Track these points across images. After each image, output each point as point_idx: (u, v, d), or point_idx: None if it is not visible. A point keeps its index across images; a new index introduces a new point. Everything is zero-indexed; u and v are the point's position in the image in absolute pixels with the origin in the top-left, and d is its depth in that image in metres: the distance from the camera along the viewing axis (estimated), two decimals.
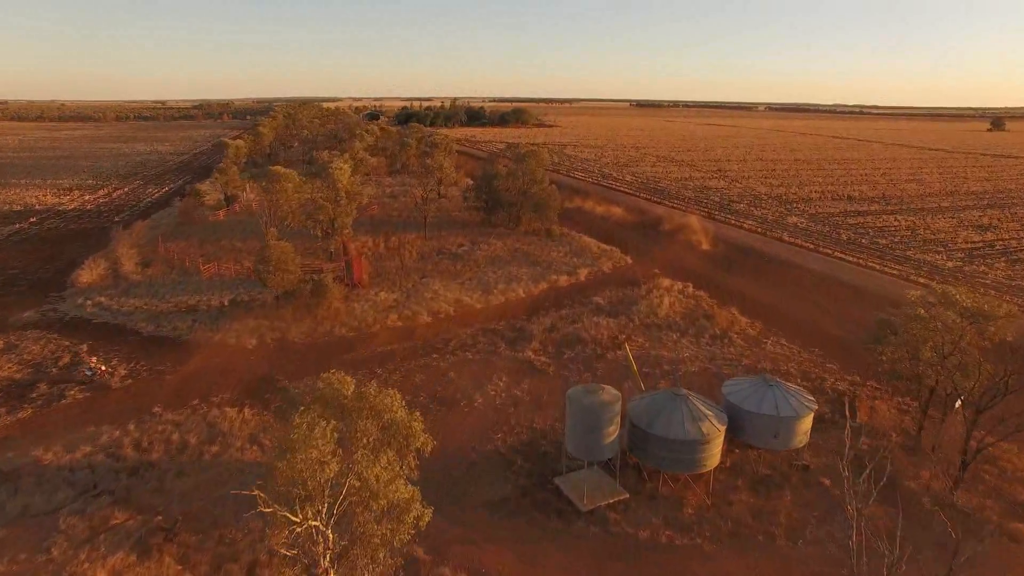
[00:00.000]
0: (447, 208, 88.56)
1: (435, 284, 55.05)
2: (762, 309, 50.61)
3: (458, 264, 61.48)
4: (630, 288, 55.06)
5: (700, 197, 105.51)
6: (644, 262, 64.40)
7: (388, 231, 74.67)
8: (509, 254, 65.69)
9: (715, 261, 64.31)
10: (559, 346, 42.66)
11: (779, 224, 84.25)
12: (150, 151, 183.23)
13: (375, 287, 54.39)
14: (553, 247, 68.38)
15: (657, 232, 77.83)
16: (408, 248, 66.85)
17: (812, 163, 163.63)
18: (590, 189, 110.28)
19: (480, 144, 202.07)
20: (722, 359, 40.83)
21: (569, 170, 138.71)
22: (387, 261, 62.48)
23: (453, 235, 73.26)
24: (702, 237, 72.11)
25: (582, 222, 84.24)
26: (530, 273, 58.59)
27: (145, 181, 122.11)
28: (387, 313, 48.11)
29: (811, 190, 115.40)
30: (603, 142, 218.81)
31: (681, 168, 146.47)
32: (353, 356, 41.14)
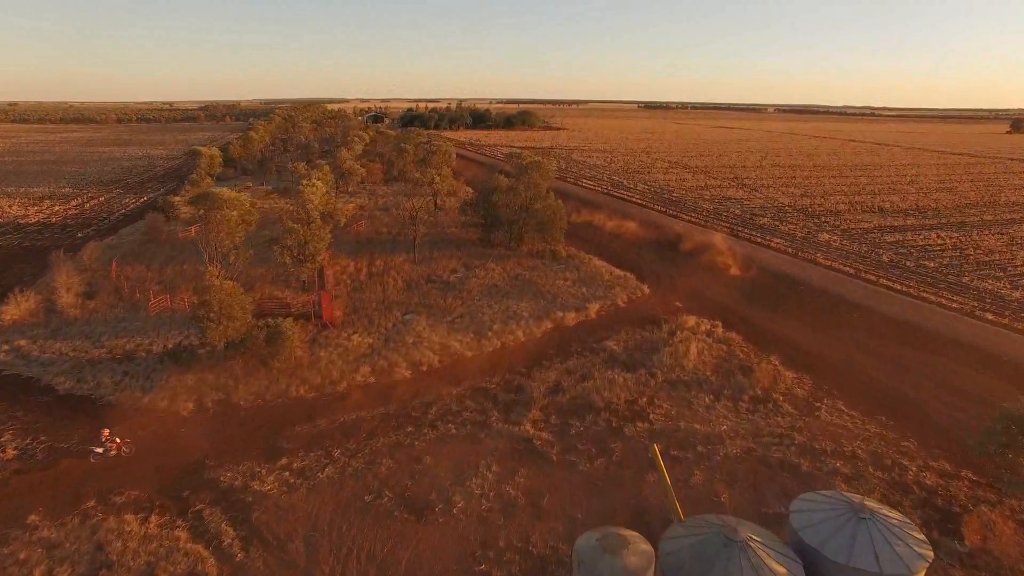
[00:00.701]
0: (443, 223, 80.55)
1: (420, 323, 46.97)
2: (808, 358, 42.27)
3: (449, 296, 53.34)
4: (649, 329, 46.80)
5: (719, 209, 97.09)
6: (663, 292, 56.11)
7: (374, 252, 66.68)
8: (508, 282, 57.53)
9: (746, 291, 55.91)
10: (565, 415, 34.45)
11: (810, 242, 75.78)
12: (142, 155, 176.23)
13: (349, 327, 46.38)
14: (559, 273, 60.16)
15: (676, 253, 69.52)
16: (394, 275, 58.81)
17: (832, 169, 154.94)
18: (600, 200, 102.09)
19: (484, 148, 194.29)
20: (769, 435, 32.51)
21: (577, 178, 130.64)
22: (368, 291, 54.42)
23: (446, 257, 65.15)
24: (730, 260, 63.71)
25: (592, 240, 76.02)
26: (532, 308, 50.43)
27: (126, 189, 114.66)
28: (359, 364, 40.06)
29: (837, 201, 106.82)
30: (612, 146, 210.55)
31: (695, 175, 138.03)
32: (309, 429, 33.04)
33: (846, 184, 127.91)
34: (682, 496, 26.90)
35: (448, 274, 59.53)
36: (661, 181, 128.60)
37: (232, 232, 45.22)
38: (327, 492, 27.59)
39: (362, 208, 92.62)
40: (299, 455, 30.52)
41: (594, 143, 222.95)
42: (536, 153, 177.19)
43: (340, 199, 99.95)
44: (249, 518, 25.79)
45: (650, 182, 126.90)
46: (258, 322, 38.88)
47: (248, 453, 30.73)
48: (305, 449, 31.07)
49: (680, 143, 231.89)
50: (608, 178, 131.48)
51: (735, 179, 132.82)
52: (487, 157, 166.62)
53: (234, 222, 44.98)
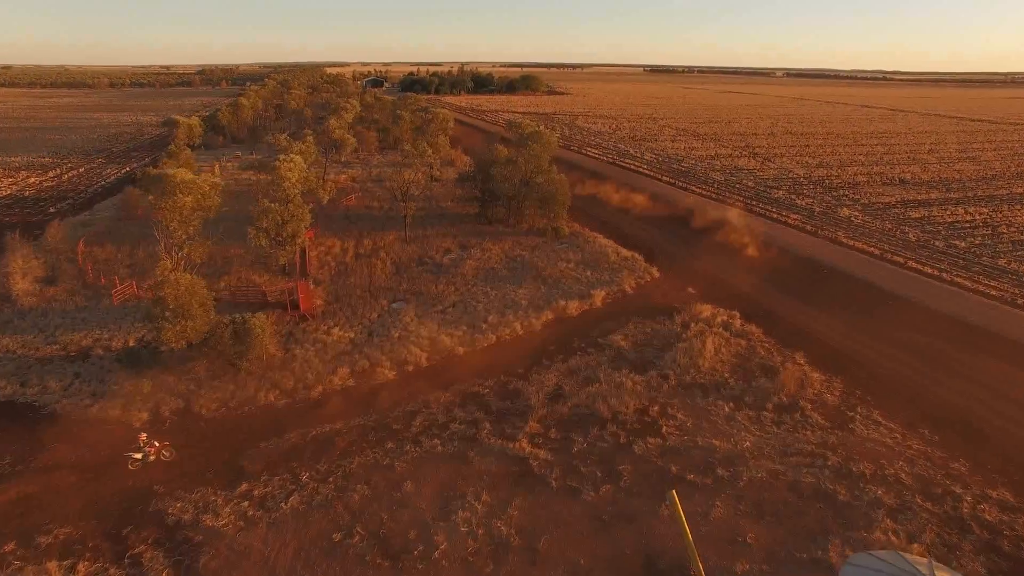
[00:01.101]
0: (438, 196, 75.82)
1: (408, 313, 42.80)
2: (837, 356, 38.04)
3: (441, 280, 49.01)
4: (660, 320, 42.55)
5: (731, 181, 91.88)
6: (675, 275, 51.70)
7: (363, 229, 62.15)
8: (506, 264, 53.12)
9: (765, 275, 51.40)
10: (566, 427, 30.45)
11: (830, 219, 70.91)
12: (132, 122, 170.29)
13: (330, 318, 42.24)
14: (561, 253, 55.68)
15: (688, 230, 64.84)
16: (383, 256, 54.42)
17: (847, 137, 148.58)
18: (606, 171, 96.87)
19: (486, 114, 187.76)
20: (798, 453, 28.48)
21: (581, 146, 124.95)
22: (353, 275, 50.12)
23: (440, 236, 60.61)
24: (747, 238, 59.04)
25: (597, 215, 71.33)
26: (531, 295, 46.14)
27: (109, 159, 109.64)
28: (337, 364, 36.00)
29: (855, 172, 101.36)
30: (617, 111, 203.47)
31: (705, 144, 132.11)
32: (276, 445, 29.12)
33: (862, 153, 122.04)
34: (703, 535, 23.04)
35: (441, 255, 55.09)
36: (669, 150, 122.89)
37: (186, 220, 40.30)
38: (290, 529, 23.76)
39: (354, 180, 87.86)
40: (262, 479, 26.65)
41: (599, 109, 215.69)
42: (539, 120, 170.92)
43: (332, 170, 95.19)
44: (196, 565, 22.00)
45: (657, 151, 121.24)
46: (224, 318, 34.65)
47: (204, 476, 26.87)
48: (269, 471, 27.19)
49: (687, 109, 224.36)
50: (614, 146, 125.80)
51: (746, 148, 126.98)
52: (488, 124, 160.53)
53: (188, 209, 39.98)
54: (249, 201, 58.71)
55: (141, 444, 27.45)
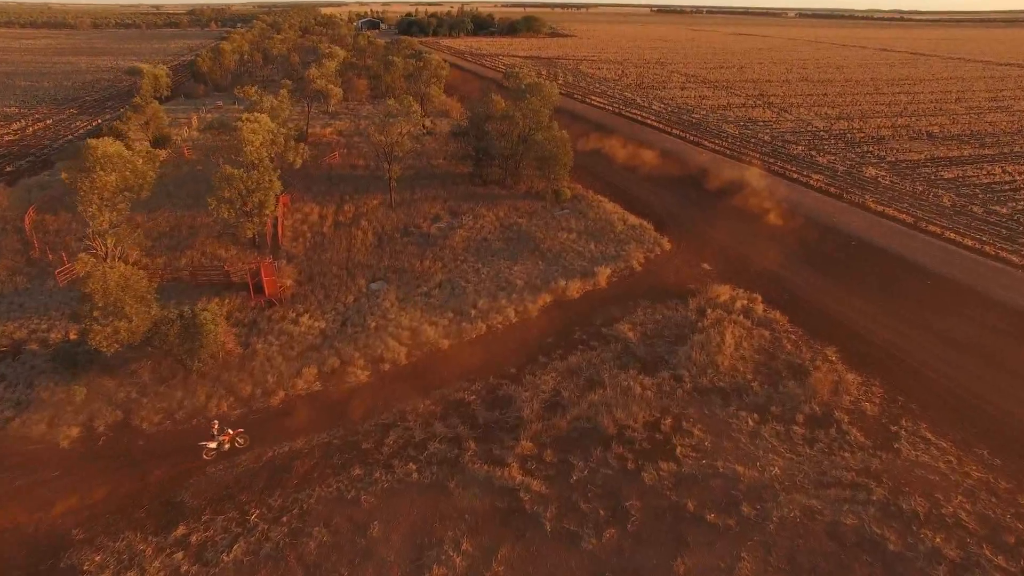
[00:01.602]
0: (430, 152, 69.88)
1: (389, 296, 38.04)
2: (874, 351, 33.37)
3: (427, 255, 44.00)
4: (672, 305, 37.74)
5: (746, 135, 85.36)
6: (688, 248, 46.59)
7: (345, 192, 56.69)
8: (501, 233, 47.98)
9: (789, 248, 46.24)
10: (564, 447, 26.09)
11: (855, 179, 65.10)
12: (111, 67, 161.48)
13: (300, 302, 37.50)
14: (562, 221, 50.42)
15: (702, 192, 59.27)
16: (364, 225, 49.22)
17: (867, 85, 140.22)
18: (611, 122, 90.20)
19: (486, 59, 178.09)
20: (836, 483, 24.14)
21: (585, 94, 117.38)
22: (330, 249, 45.10)
23: (429, 199, 55.15)
24: (768, 204, 53.63)
25: (601, 174, 65.60)
26: (528, 273, 41.24)
27: (82, 109, 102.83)
28: (304, 363, 31.47)
29: (878, 124, 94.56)
30: (623, 56, 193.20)
31: (716, 92, 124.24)
32: (225, 471, 24.85)
33: (885, 103, 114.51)
34: None
35: (429, 223, 49.87)
36: (679, 98, 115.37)
37: (109, 203, 34.30)
38: None
39: (340, 133, 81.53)
40: (203, 519, 22.47)
41: (604, 52, 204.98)
42: (541, 65, 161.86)
43: (317, 122, 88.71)
44: None
45: (666, 100, 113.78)
46: (170, 312, 29.89)
47: (134, 515, 22.68)
48: (213, 507, 22.98)
49: (697, 53, 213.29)
50: (619, 95, 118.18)
51: (760, 96, 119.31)
52: (488, 69, 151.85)
53: (111, 189, 33.99)
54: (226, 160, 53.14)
55: (215, 432, 25.61)
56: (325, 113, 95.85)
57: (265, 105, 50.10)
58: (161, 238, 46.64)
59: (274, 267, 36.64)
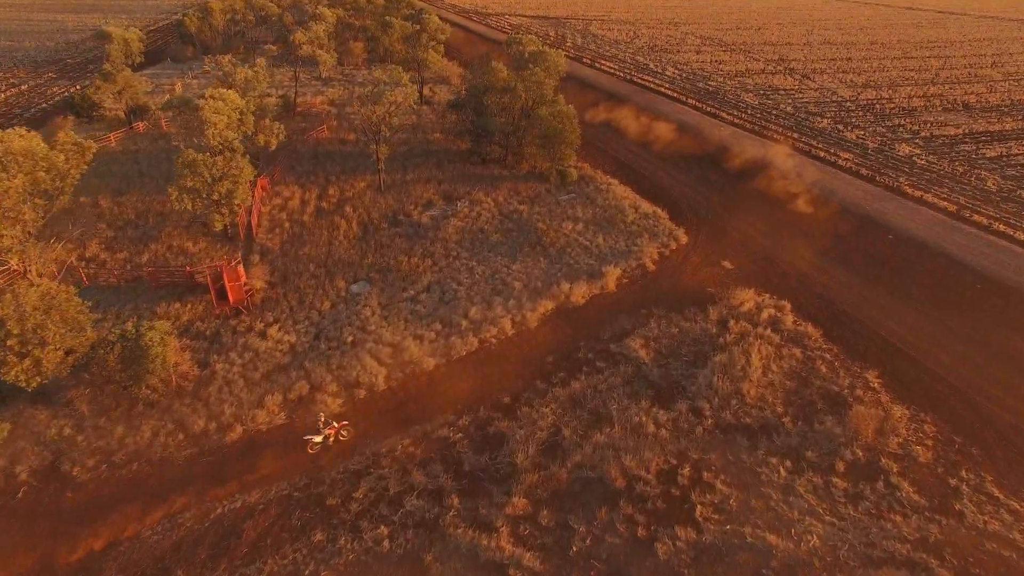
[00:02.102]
0: (426, 126, 64.68)
1: (370, 301, 33.77)
2: (923, 375, 29.02)
3: (416, 250, 39.48)
4: (690, 315, 33.33)
5: (766, 105, 79.36)
6: (707, 241, 41.90)
7: (331, 172, 51.91)
8: (499, 223, 43.32)
9: (820, 242, 41.50)
10: (564, 505, 22.10)
11: (888, 158, 59.69)
12: (95, 26, 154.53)
13: (270, 309, 33.30)
14: (567, 208, 45.67)
15: (722, 173, 54.19)
16: (349, 212, 44.62)
17: (893, 48, 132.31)
18: (622, 90, 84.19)
19: (491, 17, 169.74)
20: (888, 560, 20.15)
21: (595, 58, 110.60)
22: (309, 242, 40.63)
23: (422, 181, 50.32)
24: (796, 188, 48.65)
25: (611, 150, 60.45)
26: (527, 272, 36.79)
27: (61, 72, 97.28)
28: (268, 388, 27.43)
29: (909, 93, 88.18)
30: (636, 15, 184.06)
31: (733, 56, 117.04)
32: (163, 535, 21.01)
33: (914, 68, 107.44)
34: None
35: (421, 211, 45.21)
36: (694, 63, 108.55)
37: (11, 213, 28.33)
38: None
39: (332, 103, 76.08)
40: None
41: (615, 11, 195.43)
42: (548, 25, 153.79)
43: (307, 89, 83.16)
44: None
45: (680, 64, 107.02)
46: (109, 334, 25.74)
47: None
48: None
49: (712, 12, 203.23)
50: (631, 59, 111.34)
51: (780, 61, 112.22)
52: (493, 30, 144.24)
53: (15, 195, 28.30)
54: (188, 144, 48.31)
55: (320, 426, 24.45)
56: (318, 79, 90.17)
57: (238, 78, 44.98)
58: (126, 227, 42.30)
59: (239, 271, 32.26)
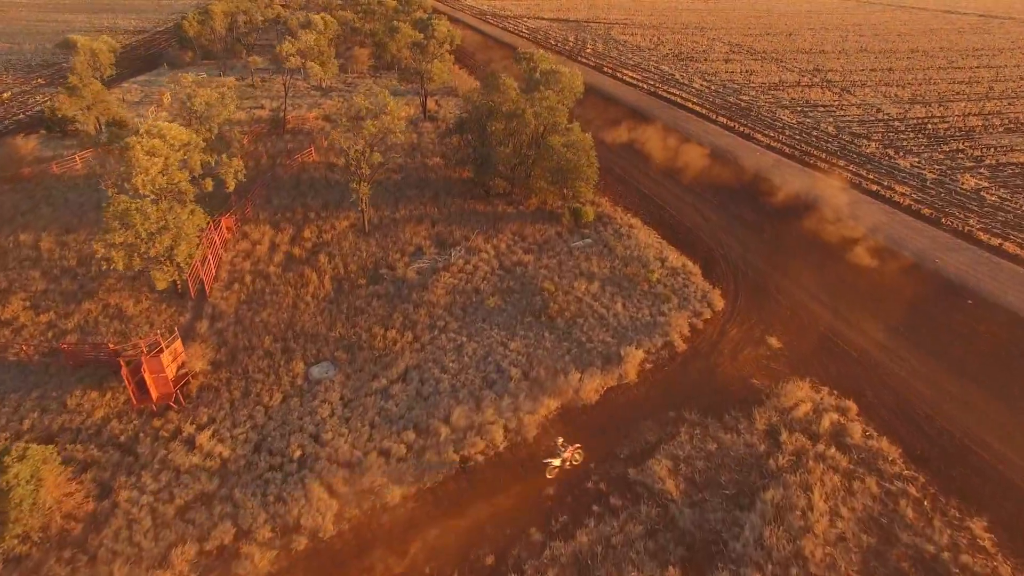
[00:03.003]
0: (425, 148, 58.08)
1: (331, 395, 27.18)
2: None
3: (395, 319, 32.75)
4: (731, 423, 26.28)
5: (805, 125, 71.64)
6: (748, 307, 34.76)
7: (313, 207, 45.50)
8: (498, 280, 36.51)
9: (888, 309, 34.15)
10: None
11: (952, 193, 51.97)
12: (106, 26, 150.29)
13: (209, 403, 26.81)
14: (581, 261, 38.75)
15: (761, 211, 47.00)
16: (323, 261, 38.10)
17: (937, 56, 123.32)
18: (645, 104, 77.04)
19: (508, 20, 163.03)
20: None
21: (616, 67, 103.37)
22: (270, 306, 34.10)
23: (414, 220, 43.72)
24: (851, 232, 41.42)
25: (633, 179, 53.57)
26: (528, 353, 29.99)
27: (52, 79, 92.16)
28: (179, 536, 20.92)
29: (963, 111, 79.90)
30: (659, 19, 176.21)
31: (765, 66, 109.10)
32: None
33: (964, 81, 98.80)
34: None
35: (407, 262, 38.51)
36: (723, 73, 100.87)
37: None
38: None
39: (328, 119, 69.50)
40: None
41: (638, 15, 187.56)
42: (568, 29, 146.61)
43: (303, 101, 76.96)
44: None
45: (708, 75, 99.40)
46: None
47: None
48: None
49: (740, 16, 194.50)
50: (655, 68, 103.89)
51: (816, 72, 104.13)
52: (509, 34, 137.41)
53: None
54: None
55: (560, 448, 23.62)
56: (317, 89, 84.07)
57: (197, 102, 38.62)
58: (62, 277, 36.17)
59: (162, 361, 25.74)
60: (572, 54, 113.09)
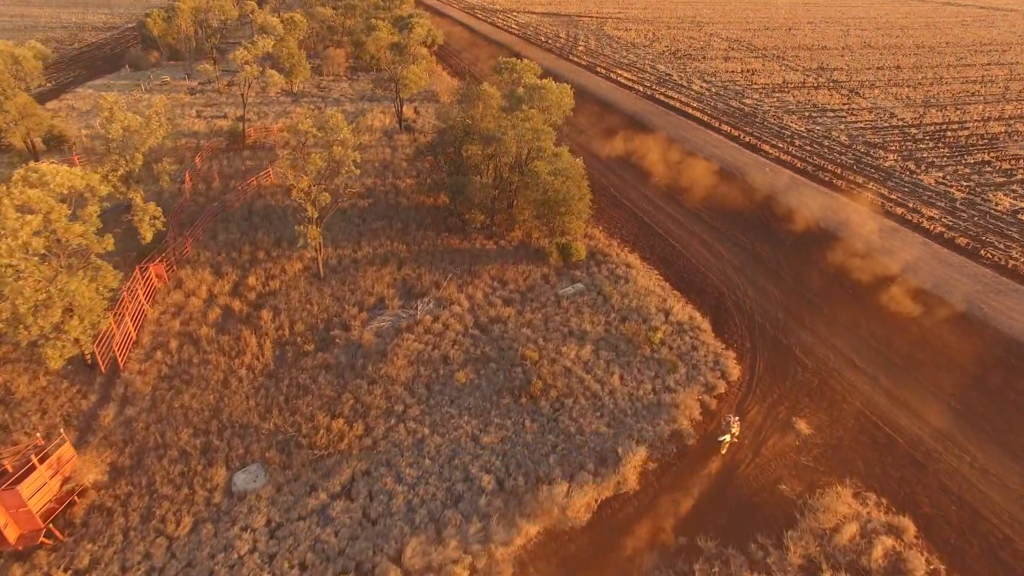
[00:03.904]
0: (396, 167, 52.12)
1: (252, 522, 21.40)
2: None
3: (344, 403, 26.93)
4: (757, 558, 20.70)
5: (816, 133, 65.88)
6: (769, 378, 29.13)
7: (265, 243, 39.54)
8: (471, 344, 30.72)
9: (935, 379, 28.59)
10: None
11: (983, 214, 46.50)
12: (74, 23, 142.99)
13: (93, 537, 20.97)
14: (570, 315, 33.01)
15: (777, 243, 41.38)
16: (266, 318, 32.20)
17: (944, 52, 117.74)
18: (642, 110, 71.13)
19: (498, 14, 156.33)
20: None
21: (610, 66, 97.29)
22: (196, 384, 28.21)
23: (378, 261, 37.80)
24: (883, 268, 35.82)
25: (630, 201, 47.97)
26: (504, 452, 24.29)
27: None
28: None
29: (982, 115, 74.43)
30: (654, 12, 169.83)
31: (767, 64, 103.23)
32: None
33: (977, 80, 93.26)
34: None
35: (366, 318, 32.65)
36: (723, 73, 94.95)
37: None
38: None
39: (295, 131, 63.13)
40: None
41: (632, 8, 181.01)
42: (559, 24, 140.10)
43: (269, 110, 70.61)
44: None
45: (708, 74, 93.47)
46: None
47: None
48: None
49: (735, 9, 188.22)
50: (651, 67, 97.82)
51: (821, 71, 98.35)
52: (499, 29, 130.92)
53: None
54: None
55: (731, 423, 23.71)
56: (288, 95, 77.72)
57: (113, 129, 32.55)
58: None
59: (21, 494, 19.82)
60: (563, 52, 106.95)
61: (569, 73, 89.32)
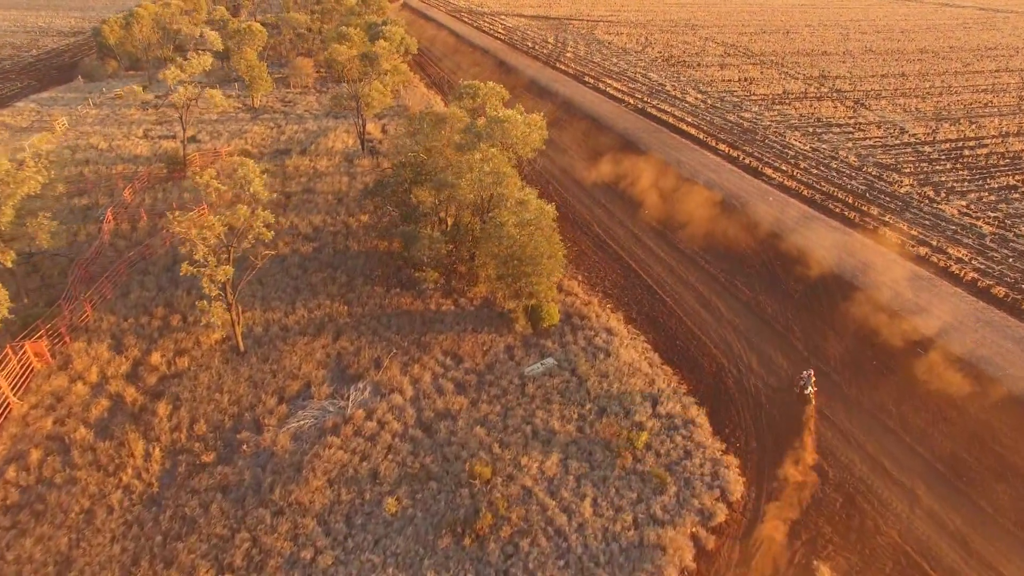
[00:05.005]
0: (350, 202, 45.97)
1: None
2: None
3: (238, 550, 20.86)
4: None
5: (821, 153, 59.96)
6: (780, 497, 23.11)
7: (179, 307, 33.39)
8: (406, 456, 24.68)
9: (997, 503, 22.63)
10: None
11: (1019, 255, 40.59)
12: (40, 27, 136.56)
13: None
14: (536, 405, 26.99)
15: (785, 295, 35.43)
16: (164, 412, 26.06)
17: (949, 57, 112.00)
18: (633, 127, 65.25)
19: (484, 17, 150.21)
20: None
21: (600, 75, 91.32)
22: (49, 518, 22.08)
23: (312, 328, 31.74)
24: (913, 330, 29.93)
25: (615, 241, 42.06)
26: None
27: None
28: None
29: (999, 129, 68.79)
30: (647, 15, 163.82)
31: (765, 72, 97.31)
32: None
33: (988, 89, 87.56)
34: None
35: (284, 413, 26.54)
36: (719, 82, 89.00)
37: None
38: None
39: (247, 154, 57.07)
40: None
41: (624, 11, 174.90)
42: (548, 29, 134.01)
43: (223, 128, 64.34)
44: None
45: (703, 84, 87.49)
46: None
47: None
48: None
49: (730, 11, 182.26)
50: (643, 76, 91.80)
51: (822, 79, 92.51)
52: (484, 34, 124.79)
53: None
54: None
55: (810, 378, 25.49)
56: (247, 110, 71.48)
57: None
58: None
59: None
60: (550, 60, 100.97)
61: (554, 83, 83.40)
